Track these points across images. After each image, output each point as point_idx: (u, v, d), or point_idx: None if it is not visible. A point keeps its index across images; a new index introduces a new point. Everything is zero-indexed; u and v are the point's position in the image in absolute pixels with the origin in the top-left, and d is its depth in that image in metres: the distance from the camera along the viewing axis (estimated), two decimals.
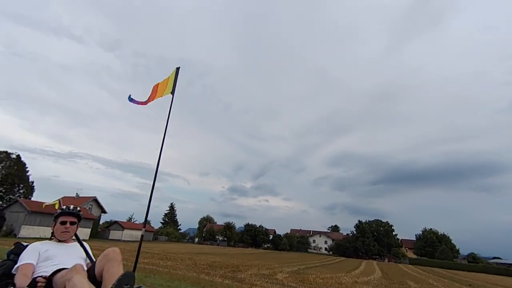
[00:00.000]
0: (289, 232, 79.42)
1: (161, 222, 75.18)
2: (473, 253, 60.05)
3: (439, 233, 62.70)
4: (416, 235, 66.45)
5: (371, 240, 64.36)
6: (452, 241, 61.18)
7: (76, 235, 2.89)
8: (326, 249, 73.49)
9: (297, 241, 69.97)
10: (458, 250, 60.37)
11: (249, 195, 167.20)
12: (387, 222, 69.26)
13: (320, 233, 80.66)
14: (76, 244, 2.85)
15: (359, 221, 69.73)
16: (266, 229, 71.02)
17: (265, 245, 68.68)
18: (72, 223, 2.83)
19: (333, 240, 73.04)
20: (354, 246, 64.10)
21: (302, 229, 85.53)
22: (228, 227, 67.44)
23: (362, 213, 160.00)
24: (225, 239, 66.20)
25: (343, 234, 78.45)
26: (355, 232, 68.46)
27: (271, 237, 70.48)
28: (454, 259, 56.42)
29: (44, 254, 2.55)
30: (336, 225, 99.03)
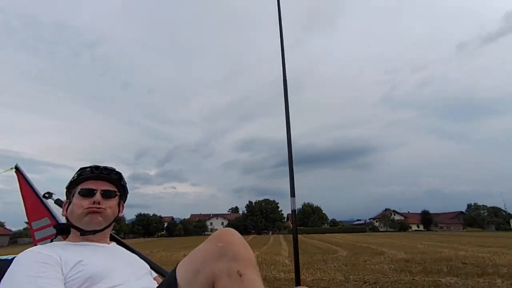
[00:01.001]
0: (188, 217, 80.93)
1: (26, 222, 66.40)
2: (334, 219, 73.58)
3: (314, 206, 73.96)
4: (298, 209, 76.89)
5: (259, 217, 71.26)
6: (323, 211, 73.10)
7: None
8: None
9: (194, 226, 72.06)
10: (327, 218, 72.67)
11: (153, 183, 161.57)
12: (273, 200, 77.49)
13: (217, 215, 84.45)
14: (118, 246, 1.29)
15: (249, 201, 76.31)
16: (161, 217, 70.94)
17: (159, 233, 68.67)
18: (107, 195, 1.20)
19: (229, 221, 77.71)
20: (244, 224, 69.96)
21: (202, 213, 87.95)
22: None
23: (266, 193, 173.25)
24: (113, 232, 63.17)
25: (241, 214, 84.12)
26: (245, 211, 74.68)
27: (165, 224, 70.77)
28: (322, 225, 67.75)
29: (78, 271, 0.96)
30: (236, 207, 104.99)
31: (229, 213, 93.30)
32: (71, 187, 1.21)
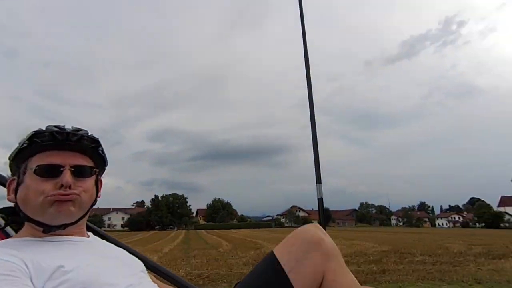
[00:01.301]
0: None
1: None
2: (243, 215, 73.78)
3: (225, 201, 72.69)
4: (207, 204, 74.60)
5: (165, 212, 66.30)
6: (233, 207, 72.45)
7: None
8: (122, 225, 70.56)
9: (89, 221, 62.82)
10: (236, 214, 72.26)
11: None
12: (182, 195, 73.43)
13: (118, 210, 76.26)
14: (99, 239, 0.89)
15: (155, 195, 70.69)
16: None
17: None
18: (80, 173, 0.74)
19: (130, 216, 70.69)
20: (147, 219, 64.36)
21: (100, 207, 78.20)
22: None
23: (179, 187, 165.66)
24: None
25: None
26: (150, 206, 68.93)
27: None
28: (230, 221, 66.97)
29: (61, 282, 0.60)
30: (142, 201, 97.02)
31: (133, 207, 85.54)
32: (19, 159, 0.74)
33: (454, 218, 78.07)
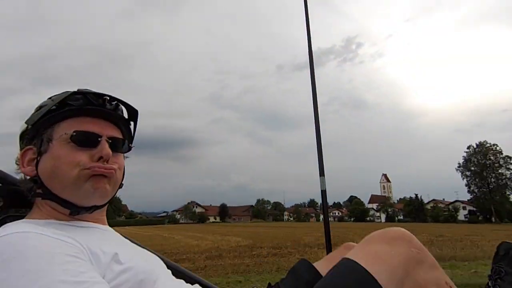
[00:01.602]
0: None
1: None
2: (132, 210, 67.92)
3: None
4: None
5: None
6: (123, 202, 65.64)
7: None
8: None
9: None
10: (125, 210, 65.74)
11: None
12: None
13: None
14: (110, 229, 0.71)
15: None
16: None
17: None
18: (116, 146, 0.64)
19: None
20: None
21: None
22: None
23: None
24: None
25: None
26: None
27: None
28: (117, 218, 60.51)
29: (122, 271, 0.52)
30: None
31: None
32: (44, 123, 0.60)
33: (335, 213, 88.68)
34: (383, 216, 70.65)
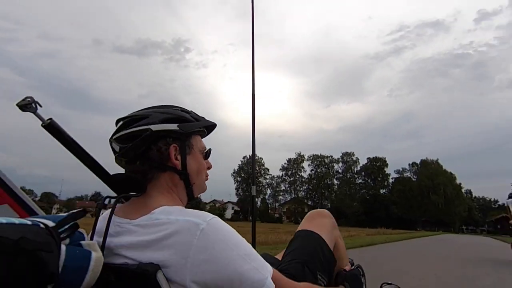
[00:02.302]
0: None
1: None
2: None
3: None
4: None
5: None
6: None
7: None
8: None
9: None
10: None
11: None
12: None
13: None
14: None
15: None
16: None
17: None
18: None
19: None
20: None
21: None
22: None
23: None
24: None
25: None
26: None
27: None
28: None
29: None
30: None
31: None
32: (188, 131, 0.82)
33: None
34: None
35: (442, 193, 56.67)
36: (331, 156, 72.23)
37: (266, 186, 73.72)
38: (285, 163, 74.31)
